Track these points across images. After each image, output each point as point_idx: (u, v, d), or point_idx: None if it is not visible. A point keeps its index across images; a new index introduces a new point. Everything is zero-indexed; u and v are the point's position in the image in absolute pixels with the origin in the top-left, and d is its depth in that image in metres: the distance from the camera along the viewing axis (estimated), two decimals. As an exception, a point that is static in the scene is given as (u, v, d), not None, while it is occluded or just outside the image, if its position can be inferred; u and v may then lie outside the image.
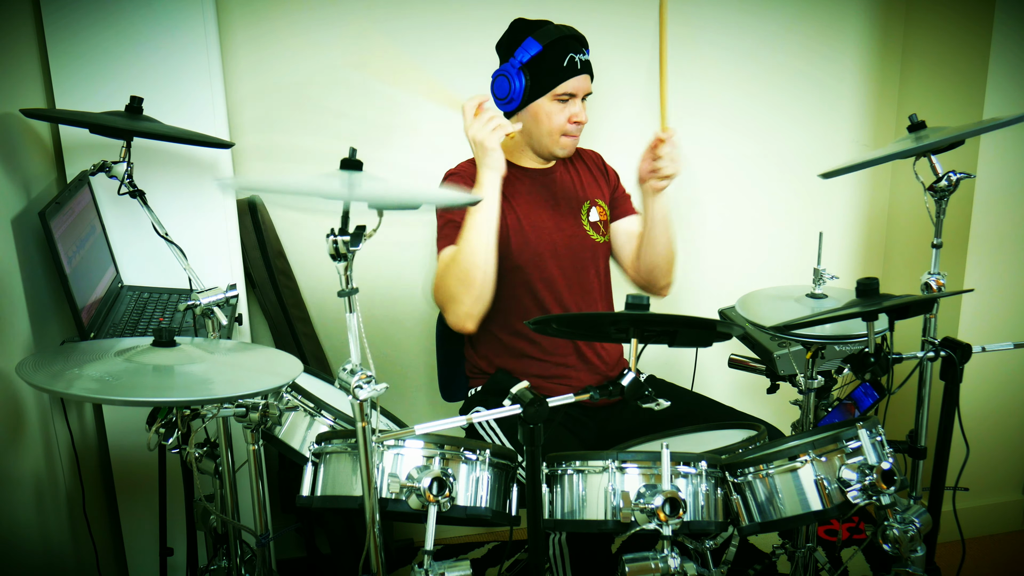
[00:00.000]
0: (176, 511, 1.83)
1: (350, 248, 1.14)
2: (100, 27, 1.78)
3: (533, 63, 1.86)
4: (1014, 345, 1.73)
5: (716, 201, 2.62)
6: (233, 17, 2.18)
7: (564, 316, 1.60)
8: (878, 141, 2.66)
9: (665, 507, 1.27)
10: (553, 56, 1.86)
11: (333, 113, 2.30)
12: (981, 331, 2.39)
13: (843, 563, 1.97)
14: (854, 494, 1.33)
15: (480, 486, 1.38)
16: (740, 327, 1.47)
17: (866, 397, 1.72)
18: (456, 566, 1.29)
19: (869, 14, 2.56)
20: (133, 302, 1.81)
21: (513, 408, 1.28)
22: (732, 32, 2.50)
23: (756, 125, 2.59)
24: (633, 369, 1.39)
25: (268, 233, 2.26)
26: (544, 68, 1.86)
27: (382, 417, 1.81)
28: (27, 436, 1.57)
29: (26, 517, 1.54)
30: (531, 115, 1.92)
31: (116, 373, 1.23)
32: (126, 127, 1.61)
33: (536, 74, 1.87)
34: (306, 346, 2.34)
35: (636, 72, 2.45)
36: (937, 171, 1.67)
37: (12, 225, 1.57)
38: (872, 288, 1.55)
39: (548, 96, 1.88)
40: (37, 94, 1.81)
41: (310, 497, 1.43)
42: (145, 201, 1.63)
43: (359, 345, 1.20)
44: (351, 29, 2.25)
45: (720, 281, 2.61)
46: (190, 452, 1.54)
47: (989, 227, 2.34)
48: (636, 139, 2.47)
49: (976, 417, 2.18)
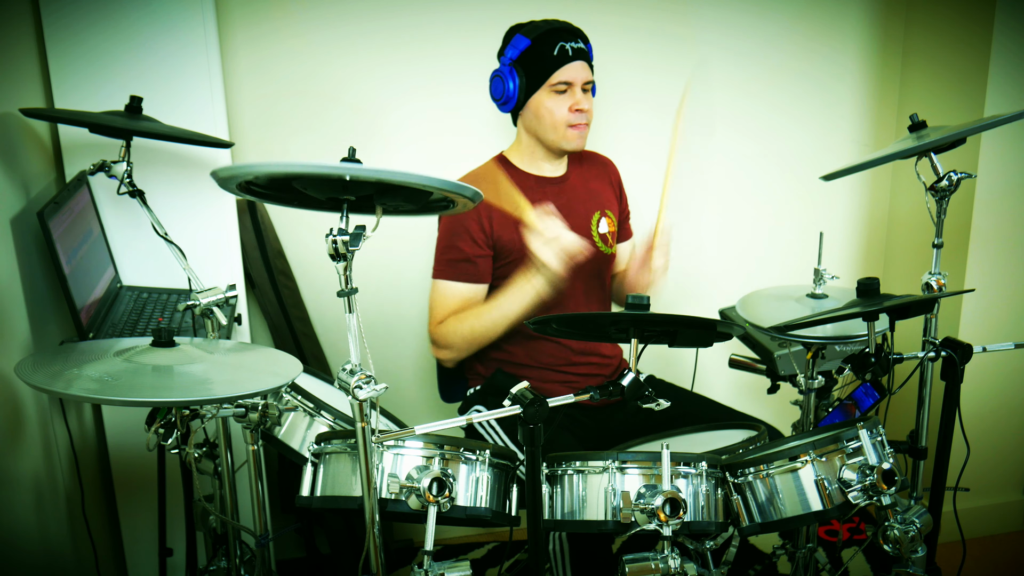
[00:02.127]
0: (175, 511, 1.82)
1: (349, 248, 1.14)
2: (100, 27, 1.78)
3: (524, 58, 1.86)
4: (1015, 345, 1.73)
5: (716, 201, 2.62)
6: (233, 17, 2.17)
7: (564, 316, 1.60)
8: (878, 141, 2.66)
9: (665, 507, 1.27)
10: (542, 48, 1.85)
11: (333, 113, 2.29)
12: (982, 331, 2.39)
13: (844, 563, 1.97)
14: (855, 494, 1.33)
15: (480, 486, 1.38)
16: (740, 327, 1.46)
17: (867, 397, 1.72)
18: (456, 566, 1.29)
19: (869, 14, 2.56)
20: (132, 302, 1.81)
21: (513, 408, 1.27)
22: (732, 32, 2.49)
23: (756, 125, 2.59)
24: (633, 369, 1.39)
25: (268, 233, 2.26)
26: (535, 61, 1.86)
27: (382, 417, 1.81)
28: (26, 436, 1.57)
29: (25, 517, 1.54)
30: (532, 112, 1.91)
31: (115, 373, 1.23)
32: (126, 127, 1.61)
33: (528, 68, 1.87)
34: (306, 346, 2.34)
35: (640, 73, 2.45)
36: (938, 171, 1.66)
37: (11, 225, 1.57)
38: (873, 288, 1.55)
39: (545, 89, 1.87)
40: (36, 94, 1.80)
41: (310, 497, 1.42)
42: (144, 201, 1.63)
43: (359, 345, 1.20)
44: (351, 29, 2.25)
45: (720, 281, 2.60)
46: (189, 452, 1.54)
47: (990, 227, 2.34)
48: (642, 140, 2.49)
49: (976, 417, 2.17)
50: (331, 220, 1.17)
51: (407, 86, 2.32)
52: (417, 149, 2.37)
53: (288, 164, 1.11)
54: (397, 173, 1.10)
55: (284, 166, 1.11)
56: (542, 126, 1.92)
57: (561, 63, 1.86)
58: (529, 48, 1.85)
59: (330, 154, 1.26)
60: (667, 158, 1.84)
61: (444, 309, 1.90)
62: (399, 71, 2.30)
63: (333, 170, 1.09)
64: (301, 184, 1.18)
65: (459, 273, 1.89)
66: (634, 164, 2.30)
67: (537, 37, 1.85)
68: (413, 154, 2.37)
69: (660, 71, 2.47)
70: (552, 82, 1.87)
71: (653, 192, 2.48)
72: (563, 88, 1.88)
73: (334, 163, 1.10)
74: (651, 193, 2.46)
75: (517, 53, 1.87)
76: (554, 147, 1.95)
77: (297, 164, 1.10)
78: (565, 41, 1.86)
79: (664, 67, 2.47)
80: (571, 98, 1.89)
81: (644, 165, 2.45)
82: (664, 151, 1.83)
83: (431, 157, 2.38)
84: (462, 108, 2.34)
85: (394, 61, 2.29)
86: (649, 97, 2.48)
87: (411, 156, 2.37)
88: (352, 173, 1.09)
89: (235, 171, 1.14)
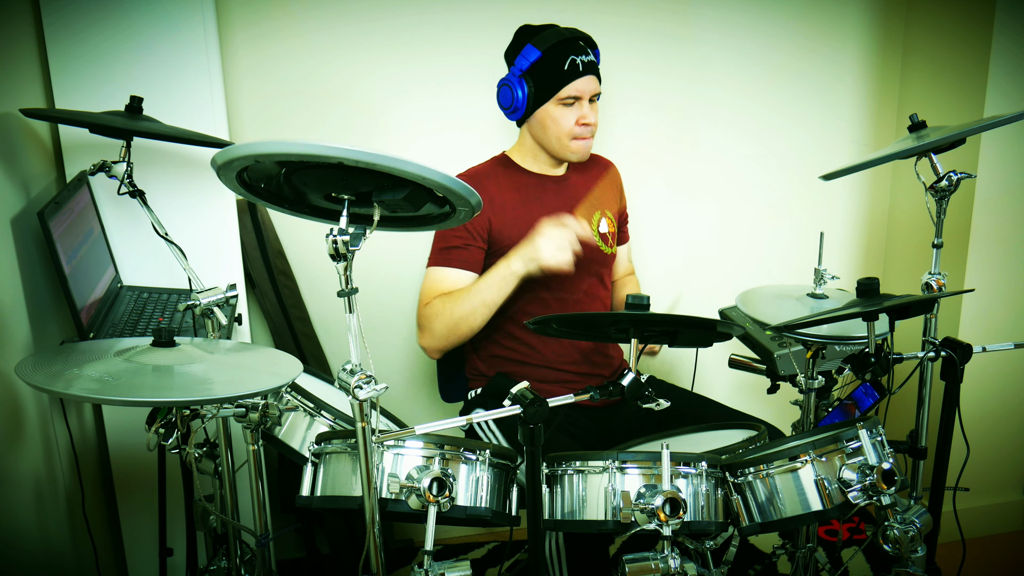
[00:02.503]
0: (176, 511, 1.82)
1: (350, 248, 1.14)
2: (100, 27, 1.78)
3: (534, 69, 1.86)
4: (1014, 345, 1.73)
5: (716, 201, 2.62)
6: (233, 17, 2.17)
7: (564, 316, 1.60)
8: (878, 141, 2.66)
9: (665, 507, 1.27)
10: (553, 61, 1.85)
11: (333, 113, 2.29)
12: (981, 331, 2.39)
13: (843, 563, 1.97)
14: (854, 494, 1.33)
15: (480, 486, 1.38)
16: (740, 327, 1.47)
17: (866, 397, 1.72)
18: (456, 566, 1.29)
19: (869, 14, 2.56)
20: (132, 302, 1.81)
21: (513, 408, 1.27)
22: (732, 33, 2.49)
23: (756, 125, 2.59)
24: (633, 369, 1.39)
25: (268, 233, 2.26)
26: (545, 73, 1.86)
27: (382, 417, 1.81)
28: (26, 436, 1.57)
29: (26, 517, 1.54)
30: (539, 122, 1.92)
31: (115, 373, 1.23)
32: (126, 127, 1.61)
33: (538, 80, 1.87)
34: (306, 346, 2.34)
35: (640, 73, 2.45)
36: (938, 171, 1.67)
37: (11, 225, 1.57)
38: (872, 288, 1.55)
39: (553, 101, 1.88)
40: (37, 94, 1.80)
41: (310, 497, 1.42)
42: (145, 201, 1.63)
43: (359, 345, 1.20)
44: (351, 29, 2.25)
45: (720, 281, 2.60)
46: (190, 452, 1.54)
47: (990, 227, 2.34)
48: (642, 140, 2.49)
49: (976, 417, 2.17)
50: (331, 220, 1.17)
51: (407, 86, 2.32)
52: (418, 149, 2.37)
53: (287, 144, 1.09)
54: (396, 160, 1.09)
55: (283, 145, 1.09)
56: (547, 136, 1.92)
57: (572, 78, 1.86)
58: (540, 60, 1.85)
59: (330, 154, 1.26)
60: None
61: (433, 293, 1.90)
62: (399, 71, 2.30)
63: (332, 152, 1.07)
64: (301, 180, 1.18)
65: (451, 260, 1.89)
66: (634, 164, 2.30)
67: (548, 49, 1.85)
68: (414, 154, 2.36)
69: (660, 71, 2.47)
70: (561, 96, 1.87)
71: (653, 191, 2.50)
72: (571, 102, 1.88)
73: (334, 144, 1.08)
74: (651, 192, 2.48)
75: (527, 64, 1.87)
76: (558, 156, 1.96)
77: (296, 144, 1.08)
78: (576, 54, 1.86)
79: (664, 67, 2.47)
80: (578, 111, 1.89)
81: (644, 165, 2.46)
82: (664, 151, 1.84)
83: (432, 157, 2.38)
84: (463, 108, 2.34)
85: (394, 61, 2.29)
86: (649, 97, 2.48)
87: (412, 156, 2.36)
88: (350, 156, 1.07)
89: (233, 153, 1.11)
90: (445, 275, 1.90)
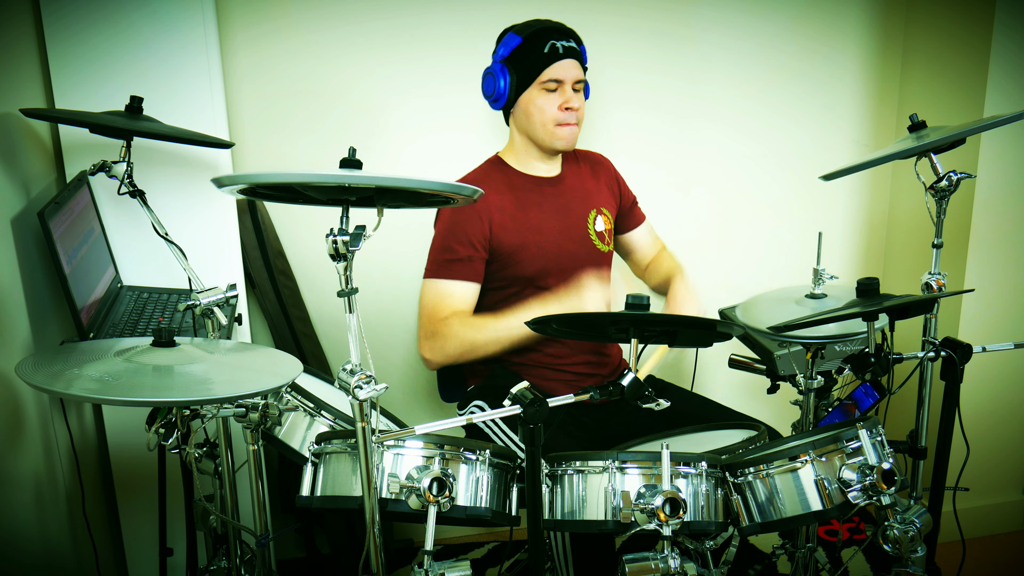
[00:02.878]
0: (176, 511, 1.82)
1: (350, 248, 1.14)
2: (100, 27, 1.78)
3: (515, 56, 1.87)
4: (1014, 345, 1.73)
5: (716, 201, 2.62)
6: (233, 17, 2.17)
7: (564, 316, 1.60)
8: (878, 141, 2.66)
9: (665, 507, 1.27)
10: (533, 45, 1.86)
11: (333, 113, 2.30)
12: (981, 331, 2.39)
13: (843, 563, 1.97)
14: (854, 494, 1.33)
15: (480, 486, 1.38)
16: (740, 327, 1.47)
17: (866, 397, 1.72)
18: (456, 566, 1.29)
19: (869, 14, 2.56)
20: (133, 302, 1.81)
21: (513, 408, 1.27)
22: (732, 33, 2.50)
23: (756, 125, 2.59)
24: (633, 369, 1.39)
25: (268, 233, 2.26)
26: (526, 58, 1.87)
27: (382, 417, 1.81)
28: (27, 436, 1.57)
29: (26, 517, 1.54)
30: (523, 110, 1.92)
31: (116, 373, 1.23)
32: (126, 127, 1.61)
33: (519, 66, 1.87)
34: (306, 346, 2.34)
35: (640, 73, 2.45)
36: (938, 171, 1.67)
37: (11, 225, 1.57)
38: (872, 288, 1.55)
39: (535, 86, 1.88)
40: (37, 94, 1.80)
41: (310, 497, 1.42)
42: (145, 201, 1.63)
43: (359, 345, 1.20)
44: (351, 29, 2.25)
45: (720, 281, 2.60)
46: (190, 452, 1.54)
47: (989, 227, 2.34)
48: (642, 140, 2.49)
49: (976, 417, 2.18)
50: (331, 220, 1.17)
51: (407, 86, 2.32)
52: (418, 148, 2.37)
53: (288, 175, 1.11)
54: (397, 179, 1.10)
55: (284, 176, 1.11)
56: (532, 124, 1.92)
57: (551, 60, 1.86)
58: (520, 46, 1.86)
59: (330, 154, 1.27)
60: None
61: (445, 307, 1.89)
62: (399, 71, 2.30)
63: (333, 179, 1.10)
64: (302, 186, 1.19)
65: (455, 272, 1.89)
66: (634, 164, 2.30)
67: (529, 35, 1.87)
68: (414, 153, 2.37)
69: (660, 71, 2.47)
70: (542, 79, 1.87)
71: (654, 192, 2.49)
72: (553, 86, 1.88)
73: (334, 171, 1.10)
74: (652, 193, 2.47)
75: (508, 51, 1.88)
76: (545, 146, 1.96)
77: (297, 174, 1.10)
78: (556, 39, 1.87)
79: (664, 67, 2.47)
80: (561, 96, 1.89)
81: (644, 165, 2.45)
82: (664, 151, 1.84)
83: (432, 156, 2.38)
84: (463, 107, 2.34)
85: (394, 61, 2.29)
86: (649, 97, 2.48)
87: (412, 155, 2.37)
88: (352, 181, 1.09)
89: (237, 180, 1.15)
90: (453, 288, 1.89)
